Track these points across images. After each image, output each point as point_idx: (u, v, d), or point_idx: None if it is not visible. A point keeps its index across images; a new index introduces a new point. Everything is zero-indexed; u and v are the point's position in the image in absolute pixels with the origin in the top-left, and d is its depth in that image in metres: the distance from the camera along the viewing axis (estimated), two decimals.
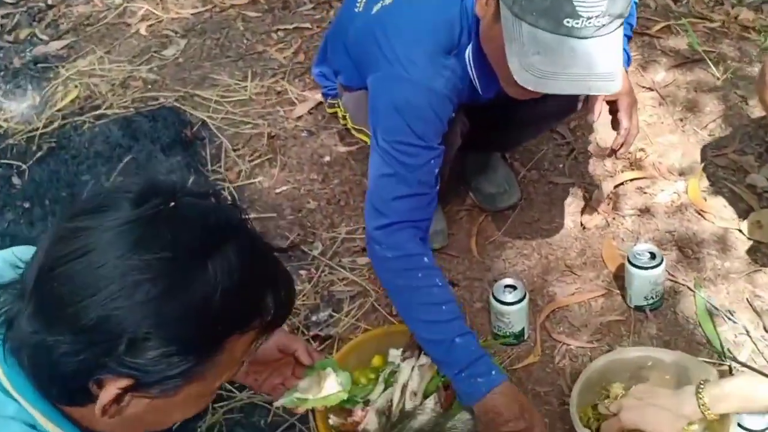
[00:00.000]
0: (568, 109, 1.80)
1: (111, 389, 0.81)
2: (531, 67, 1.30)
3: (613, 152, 1.70)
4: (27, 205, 2.17)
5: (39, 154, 2.29)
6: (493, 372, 1.41)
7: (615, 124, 1.68)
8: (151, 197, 0.83)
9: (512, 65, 1.32)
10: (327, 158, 2.23)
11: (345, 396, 1.26)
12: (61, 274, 0.80)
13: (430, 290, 1.45)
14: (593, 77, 1.31)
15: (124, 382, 0.81)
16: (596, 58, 1.30)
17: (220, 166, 2.23)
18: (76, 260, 0.80)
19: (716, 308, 1.72)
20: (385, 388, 1.57)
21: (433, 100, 1.46)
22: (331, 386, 1.26)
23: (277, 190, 2.16)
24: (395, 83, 1.48)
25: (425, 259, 1.48)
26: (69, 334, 0.79)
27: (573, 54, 1.29)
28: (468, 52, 1.49)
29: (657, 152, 2.14)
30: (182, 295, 0.80)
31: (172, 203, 0.83)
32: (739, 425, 1.33)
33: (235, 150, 2.28)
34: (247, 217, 0.90)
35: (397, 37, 1.49)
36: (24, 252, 0.93)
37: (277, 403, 1.23)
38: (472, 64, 1.50)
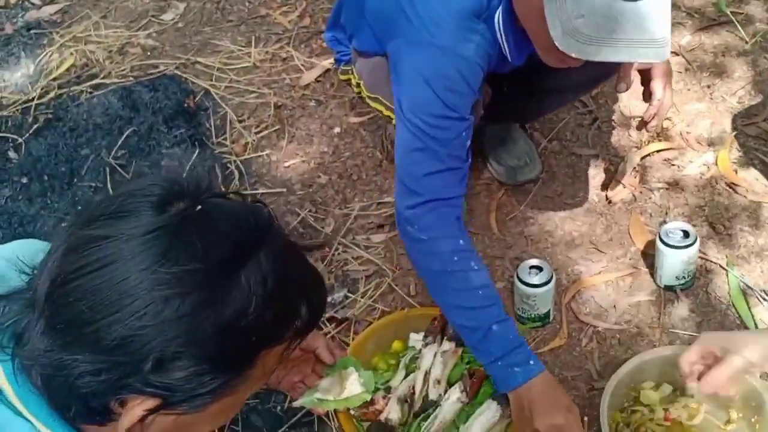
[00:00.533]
0: (601, 77, 1.69)
1: (136, 411, 0.74)
2: (575, 32, 1.20)
3: (643, 124, 1.60)
4: (25, 180, 2.08)
5: (35, 126, 2.18)
6: (531, 362, 1.34)
7: (647, 95, 1.58)
8: (174, 200, 0.75)
9: (553, 30, 1.22)
10: (337, 129, 2.13)
11: (368, 397, 1.19)
12: (78, 288, 0.72)
13: (466, 274, 1.37)
14: (643, 43, 1.21)
15: (150, 403, 0.74)
16: (647, 21, 1.19)
17: (225, 138, 2.13)
18: (94, 273, 0.72)
19: (750, 287, 1.65)
20: (406, 375, 1.50)
21: (463, 68, 1.36)
22: (354, 387, 1.19)
23: (286, 164, 2.07)
24: (421, 50, 1.37)
25: (461, 241, 1.40)
26: (88, 353, 0.72)
27: (622, 17, 1.18)
28: (498, 15, 1.38)
29: (684, 121, 2.04)
30: (215, 310, 0.72)
31: (199, 206, 0.75)
32: None
33: (240, 121, 2.18)
34: (274, 216, 0.81)
35: (422, 0, 1.38)
36: (27, 250, 0.84)
37: (296, 403, 1.16)
38: (502, 29, 1.39)
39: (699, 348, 1.18)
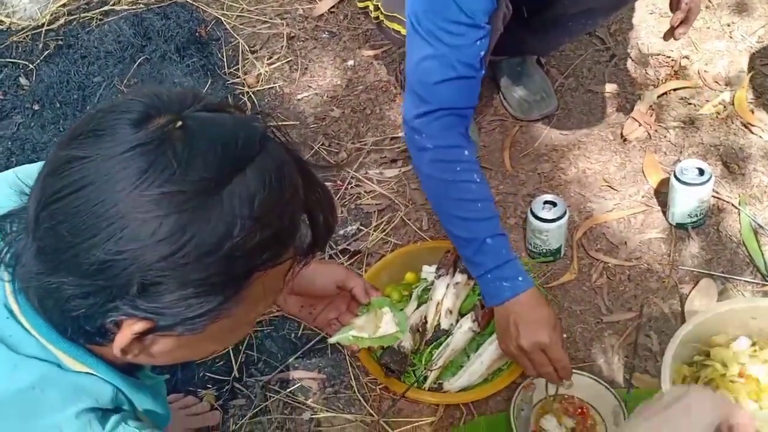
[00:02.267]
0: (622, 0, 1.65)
1: (126, 333, 0.73)
2: None
3: (671, 31, 1.55)
4: (36, 107, 2.07)
5: (46, 52, 2.16)
6: (521, 278, 1.34)
7: (674, 3, 1.52)
8: (154, 116, 0.70)
9: None
10: (351, 62, 2.10)
11: (401, 336, 1.21)
12: (58, 211, 0.70)
13: (468, 185, 1.38)
14: None
15: (141, 326, 0.72)
16: None
17: (237, 69, 2.11)
18: (72, 195, 0.69)
19: (761, 227, 1.66)
20: (419, 306, 1.53)
21: None
22: (388, 326, 1.21)
23: (299, 97, 2.05)
24: None
25: (465, 152, 1.40)
26: (73, 277, 0.70)
27: None
28: None
29: (702, 60, 2.02)
30: (196, 234, 0.68)
31: (179, 123, 0.70)
32: None
33: (252, 52, 2.16)
34: (271, 127, 0.75)
35: None
36: (31, 173, 0.81)
37: (331, 339, 1.18)
38: None
39: None
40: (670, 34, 1.55)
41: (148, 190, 0.68)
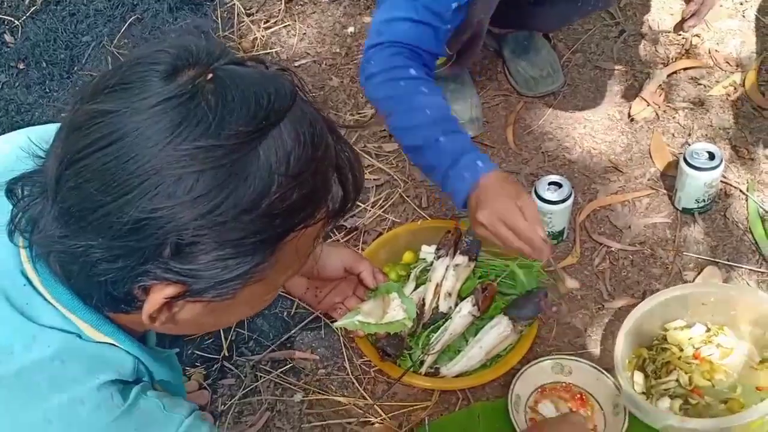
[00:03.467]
0: None
1: (157, 297, 0.69)
2: None
3: (681, 23, 1.51)
4: (22, 66, 1.99)
5: (33, 8, 2.07)
6: (480, 162, 1.28)
7: None
8: (184, 68, 0.67)
9: None
10: (351, 29, 2.02)
11: (409, 324, 1.18)
12: (85, 169, 0.66)
13: (412, 97, 1.33)
14: None
15: (172, 290, 0.69)
16: None
17: (232, 33, 2.03)
18: (100, 152, 0.65)
19: None
20: (417, 287, 1.48)
21: None
22: (396, 312, 1.17)
23: (296, 64, 1.98)
24: None
25: (412, 71, 1.35)
26: (102, 239, 0.66)
27: None
28: None
29: (714, 39, 1.95)
30: (234, 190, 0.65)
31: (210, 75, 0.67)
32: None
33: (248, 14, 2.07)
34: (300, 84, 0.73)
35: None
36: (43, 134, 0.77)
37: (336, 324, 1.15)
38: None
39: None
40: (680, 26, 1.52)
41: (183, 144, 0.64)
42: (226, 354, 1.46)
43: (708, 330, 1.41)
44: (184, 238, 0.66)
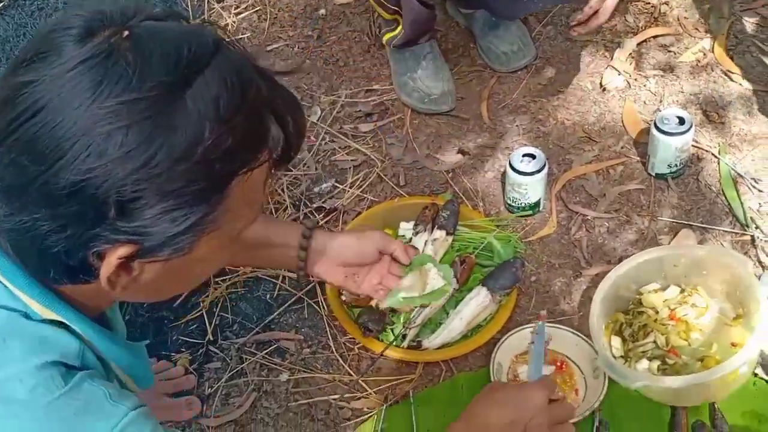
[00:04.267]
0: None
1: (111, 259, 0.70)
2: None
3: (578, 24, 1.56)
4: None
5: (1, 4, 2.05)
6: None
7: None
8: (98, 30, 0.68)
9: None
10: (322, 11, 2.03)
11: (449, 289, 1.24)
12: (16, 142, 0.67)
13: None
14: None
15: (125, 250, 0.69)
16: None
17: (203, 20, 2.02)
18: (28, 122, 0.66)
19: (741, 175, 1.64)
20: None
21: None
22: (435, 281, 1.22)
23: (269, 48, 1.98)
24: None
25: None
26: (45, 209, 0.67)
27: None
28: None
29: (682, 5, 1.97)
30: (165, 140, 0.66)
31: (126, 33, 0.67)
32: None
33: (218, 1, 2.07)
34: (225, 36, 0.73)
35: None
36: None
37: (382, 305, 1.23)
38: None
39: None
40: (578, 25, 1.56)
41: (107, 101, 0.65)
42: (211, 338, 1.47)
43: (682, 291, 1.43)
44: (125, 195, 0.66)
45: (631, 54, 1.87)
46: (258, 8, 2.05)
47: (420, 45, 1.82)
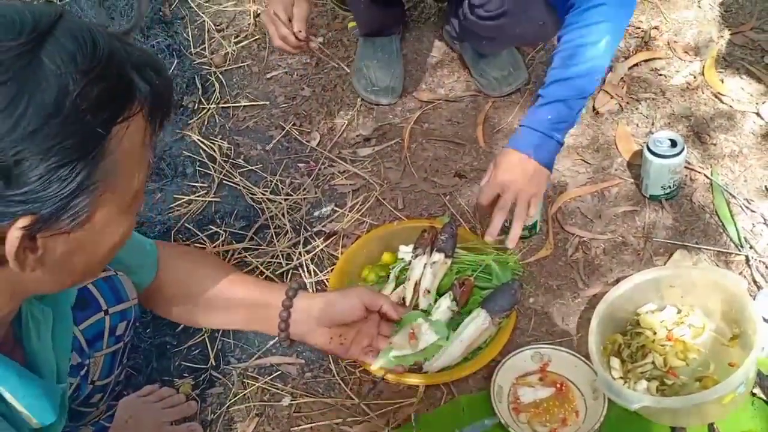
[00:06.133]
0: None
1: (12, 234, 0.70)
2: None
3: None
4: None
5: None
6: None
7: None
8: None
9: None
10: (320, 39, 2.06)
11: (444, 343, 1.17)
12: None
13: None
14: None
15: (24, 221, 0.70)
16: None
17: (204, 49, 2.07)
18: None
19: (734, 196, 1.67)
20: (396, 286, 1.52)
21: None
22: (428, 336, 1.17)
23: (268, 76, 2.01)
24: None
25: None
26: None
27: None
28: None
29: (672, 30, 2.02)
30: (30, 98, 0.67)
31: None
32: None
33: (218, 30, 2.11)
34: (64, 13, 0.74)
35: None
36: None
37: (373, 367, 1.14)
38: None
39: None
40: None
41: None
42: (213, 363, 1.48)
43: (679, 311, 1.45)
44: (6, 160, 0.67)
45: (622, 78, 1.91)
46: (257, 37, 2.08)
47: (381, 38, 1.92)
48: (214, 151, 1.85)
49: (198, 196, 1.78)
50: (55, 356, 0.90)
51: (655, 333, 1.44)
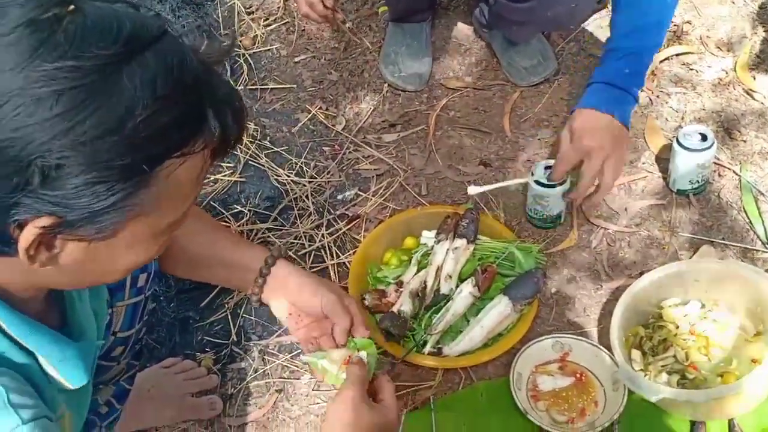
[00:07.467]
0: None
1: (30, 229, 0.69)
2: None
3: (572, 201, 1.55)
4: None
5: None
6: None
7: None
8: (46, 2, 0.68)
9: None
10: (348, 24, 2.06)
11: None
12: None
13: None
14: None
15: (46, 220, 0.68)
16: None
17: (233, 31, 2.07)
18: None
19: (762, 193, 1.65)
20: (418, 270, 1.52)
21: None
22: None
23: (296, 59, 2.02)
24: None
25: None
26: None
27: None
28: None
29: (705, 25, 1.99)
30: (95, 109, 0.66)
31: (72, 6, 0.68)
32: None
33: (248, 13, 2.11)
34: (171, 30, 0.73)
35: None
36: None
37: (303, 357, 1.11)
38: None
39: None
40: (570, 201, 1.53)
41: (43, 65, 0.65)
42: (235, 339, 1.50)
43: (703, 306, 1.44)
44: (49, 161, 0.66)
45: (653, 71, 1.89)
46: (286, 21, 2.09)
47: (411, 24, 1.91)
48: None
49: (224, 176, 1.79)
50: (94, 314, 0.91)
51: (677, 327, 1.43)
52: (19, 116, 0.65)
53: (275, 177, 1.78)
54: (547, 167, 1.58)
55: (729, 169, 1.70)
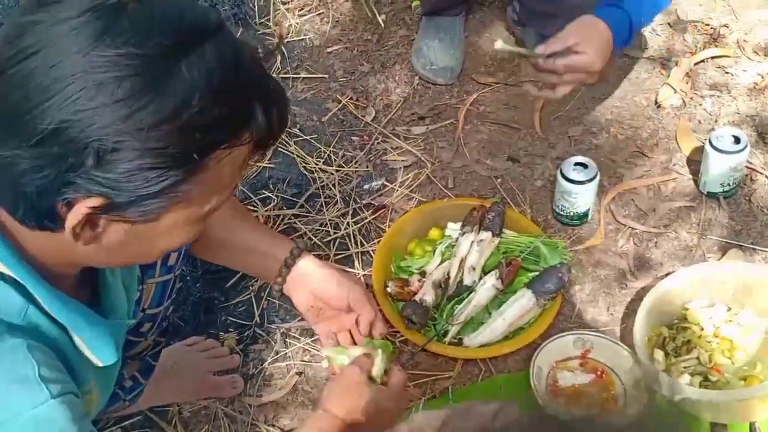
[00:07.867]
0: None
1: (80, 208, 0.71)
2: None
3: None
4: None
5: None
6: None
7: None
8: None
9: None
10: (383, 16, 2.07)
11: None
12: (13, 77, 0.69)
13: None
14: None
15: (95, 201, 0.70)
16: None
17: (268, 20, 2.09)
18: (28, 59, 0.68)
19: None
20: (442, 261, 1.52)
21: None
22: (376, 367, 1.14)
23: (329, 50, 2.03)
24: None
25: None
26: (27, 147, 0.68)
27: None
28: None
29: (742, 29, 1.97)
30: (154, 97, 0.68)
31: None
32: None
33: (284, 3, 2.13)
34: (227, 23, 0.76)
35: None
36: None
37: (323, 351, 1.13)
38: None
39: None
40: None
41: (107, 51, 0.67)
42: (258, 321, 1.51)
43: (729, 309, 1.43)
44: (105, 144, 0.68)
45: (687, 73, 1.87)
46: (321, 11, 2.10)
47: (444, 18, 1.92)
48: None
49: (253, 161, 1.81)
50: (125, 288, 0.93)
51: (702, 329, 1.41)
52: (80, 99, 0.67)
53: (303, 164, 1.80)
54: (576, 164, 1.58)
55: (761, 173, 1.68)
